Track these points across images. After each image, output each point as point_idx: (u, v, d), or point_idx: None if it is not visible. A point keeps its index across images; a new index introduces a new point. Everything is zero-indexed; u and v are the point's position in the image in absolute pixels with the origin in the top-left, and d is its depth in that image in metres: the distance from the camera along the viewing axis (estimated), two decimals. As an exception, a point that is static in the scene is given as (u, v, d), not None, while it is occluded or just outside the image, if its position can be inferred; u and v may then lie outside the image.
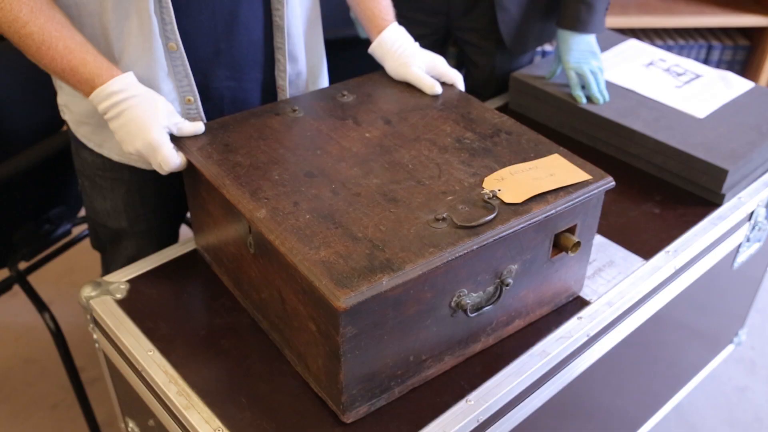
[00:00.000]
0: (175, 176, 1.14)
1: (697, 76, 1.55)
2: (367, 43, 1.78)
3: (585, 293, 1.13)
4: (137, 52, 1.10)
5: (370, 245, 0.89)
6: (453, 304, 0.94)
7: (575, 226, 1.02)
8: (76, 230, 1.82)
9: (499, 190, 0.97)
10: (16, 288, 1.65)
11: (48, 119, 1.75)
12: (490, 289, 0.97)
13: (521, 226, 0.94)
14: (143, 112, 1.05)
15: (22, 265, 1.68)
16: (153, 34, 1.08)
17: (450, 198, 0.96)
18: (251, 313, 1.09)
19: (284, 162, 1.03)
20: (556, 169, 1.02)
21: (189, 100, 1.17)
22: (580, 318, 1.09)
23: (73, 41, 1.04)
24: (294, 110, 1.15)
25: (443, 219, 0.92)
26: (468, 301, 0.94)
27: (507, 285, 0.97)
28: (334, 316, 0.84)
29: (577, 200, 0.98)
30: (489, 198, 0.96)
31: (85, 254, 2.10)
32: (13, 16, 1.01)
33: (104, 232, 1.36)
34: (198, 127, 1.08)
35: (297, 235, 0.90)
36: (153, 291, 1.14)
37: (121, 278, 1.16)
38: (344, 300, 0.82)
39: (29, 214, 1.66)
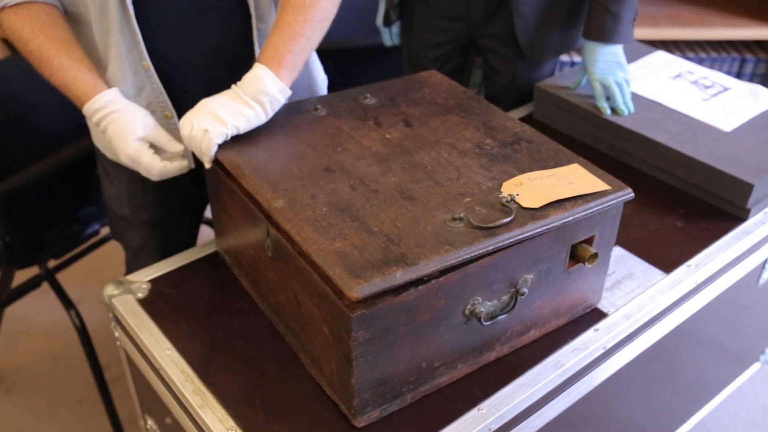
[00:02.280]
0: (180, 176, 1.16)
1: (726, 89, 1.53)
2: (393, 50, 1.80)
3: (603, 305, 1.12)
4: (116, 67, 1.14)
5: (385, 239, 0.89)
6: (467, 311, 0.94)
7: (593, 236, 1.02)
8: (105, 230, 1.85)
9: (518, 195, 0.97)
10: (46, 285, 1.69)
11: (80, 121, 1.79)
12: (505, 298, 0.97)
13: (538, 230, 0.93)
14: (120, 126, 1.09)
15: (51, 264, 1.71)
16: (122, 52, 1.13)
17: (468, 200, 0.97)
18: (268, 316, 1.10)
19: (304, 157, 1.04)
20: (576, 179, 1.02)
21: (167, 116, 1.20)
22: (597, 330, 1.08)
23: (68, 59, 1.09)
24: (316, 109, 1.16)
25: (460, 219, 0.92)
26: (482, 310, 0.94)
27: (522, 294, 0.97)
28: (346, 320, 0.84)
29: (594, 209, 0.98)
30: (507, 201, 0.95)
31: (113, 254, 2.13)
32: (18, 35, 1.09)
33: (113, 218, 1.40)
34: (180, 147, 1.12)
35: (313, 226, 0.91)
36: (174, 291, 1.16)
37: (143, 278, 1.18)
38: (357, 290, 0.82)
39: (59, 213, 1.70)
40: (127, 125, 1.09)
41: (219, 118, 1.03)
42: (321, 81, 1.38)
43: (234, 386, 1.00)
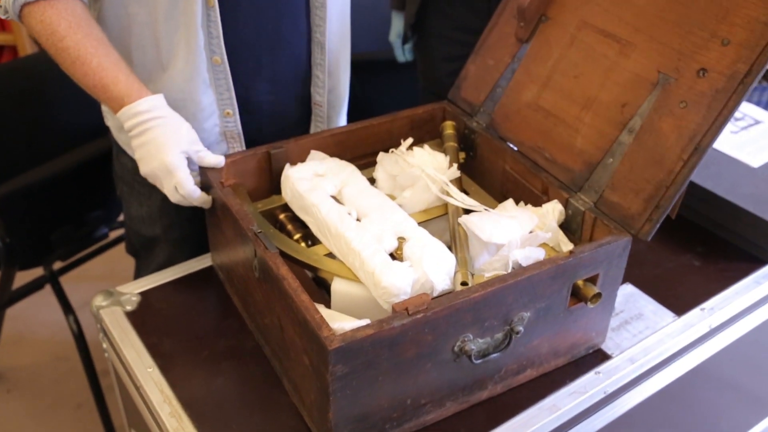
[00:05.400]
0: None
1: (757, 122, 1.46)
2: (407, 66, 1.76)
3: (607, 346, 1.06)
4: (182, 64, 1.11)
5: (369, 281, 0.85)
6: (456, 348, 0.89)
7: (597, 275, 0.96)
8: (114, 234, 1.84)
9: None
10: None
11: (93, 122, 1.78)
12: (499, 335, 0.92)
13: (535, 272, 0.89)
14: (165, 133, 1.04)
15: (57, 265, 1.70)
16: (198, 47, 1.09)
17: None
18: (256, 337, 1.06)
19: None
20: (581, 214, 0.96)
21: (228, 113, 1.17)
22: (599, 373, 1.02)
23: (107, 59, 1.05)
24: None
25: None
26: (473, 347, 0.89)
27: (517, 333, 0.92)
28: (324, 353, 0.80)
29: (599, 247, 0.92)
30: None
31: (126, 257, 2.12)
32: (52, 29, 1.03)
33: (138, 238, 1.37)
34: (219, 159, 1.06)
35: (296, 264, 0.87)
36: (163, 305, 1.13)
37: (133, 290, 1.15)
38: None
39: (68, 215, 1.69)
40: (172, 133, 1.04)
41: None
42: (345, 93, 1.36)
43: (213, 410, 0.96)
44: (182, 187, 1.03)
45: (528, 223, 0.98)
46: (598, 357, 1.05)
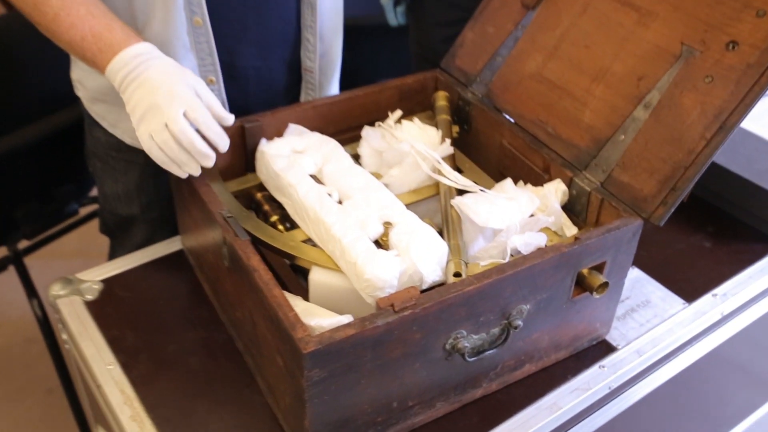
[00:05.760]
0: None
1: (770, 91, 1.36)
2: (399, 30, 1.64)
3: (612, 336, 0.98)
4: (158, 26, 1.00)
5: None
6: (448, 346, 0.80)
7: (604, 263, 0.87)
8: (86, 210, 1.73)
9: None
10: (32, 262, 1.57)
11: (61, 91, 1.66)
12: (495, 330, 0.83)
13: (536, 261, 0.79)
14: (168, 64, 0.92)
15: (25, 244, 1.60)
16: (177, 7, 0.99)
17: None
18: (228, 329, 0.97)
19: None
20: (587, 195, 0.87)
21: (211, 81, 1.07)
22: (603, 367, 0.94)
23: (96, 8, 0.94)
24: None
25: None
26: (466, 345, 0.80)
27: (516, 328, 0.83)
28: (298, 356, 0.71)
29: (606, 233, 0.83)
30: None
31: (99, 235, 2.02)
32: None
33: (113, 218, 1.27)
34: (230, 116, 0.94)
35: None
36: (127, 294, 1.03)
37: (95, 277, 1.05)
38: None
39: (33, 190, 1.58)
40: (178, 68, 0.91)
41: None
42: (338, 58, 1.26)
43: (179, 413, 0.87)
44: (194, 111, 0.88)
45: (528, 206, 0.89)
46: (603, 349, 0.96)
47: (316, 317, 0.79)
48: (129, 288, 1.04)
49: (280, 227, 0.95)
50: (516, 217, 0.87)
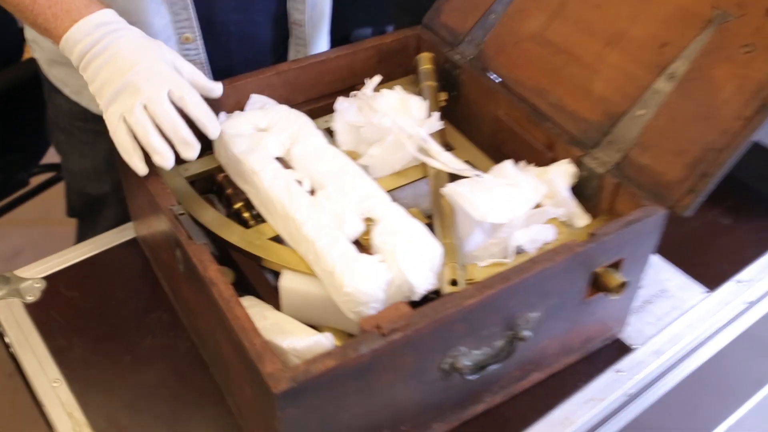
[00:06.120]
0: None
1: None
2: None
3: (627, 334, 0.87)
4: None
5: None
6: (445, 366, 0.68)
7: (621, 260, 0.75)
8: (37, 180, 1.58)
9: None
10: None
11: (5, 49, 1.49)
12: (499, 343, 0.71)
13: (547, 265, 0.67)
14: (139, 37, 0.78)
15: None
16: None
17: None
18: (192, 336, 0.85)
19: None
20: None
21: (187, 38, 0.93)
22: (619, 372, 0.83)
23: None
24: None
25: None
26: (466, 363, 0.69)
27: (523, 339, 0.71)
28: (268, 395, 0.59)
29: (625, 228, 0.71)
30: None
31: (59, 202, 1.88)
32: None
33: (81, 197, 1.13)
34: (217, 86, 0.81)
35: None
36: (75, 293, 0.90)
37: (36, 274, 0.92)
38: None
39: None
40: (151, 41, 0.78)
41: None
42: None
43: (136, 440, 0.76)
44: (179, 88, 0.74)
45: (533, 194, 0.76)
46: (617, 350, 0.85)
47: (289, 336, 0.67)
48: (77, 286, 0.91)
49: (246, 215, 0.83)
50: (520, 208, 0.74)
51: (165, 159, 0.72)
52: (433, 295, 0.70)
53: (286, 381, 0.58)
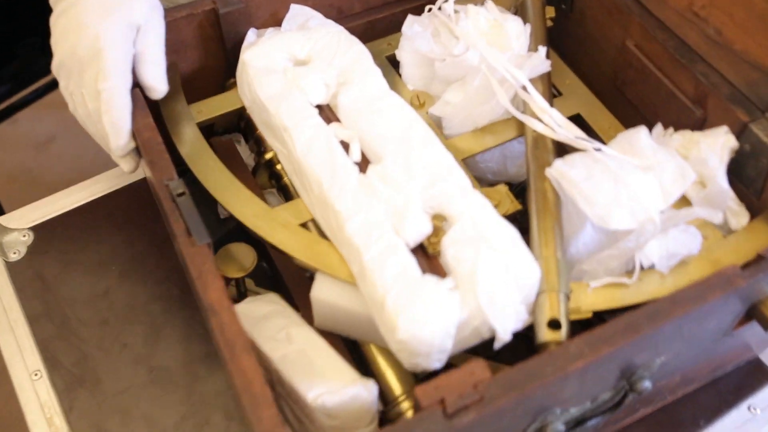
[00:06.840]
0: None
1: None
2: None
3: (766, 355, 0.66)
4: None
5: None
6: (531, 431, 0.49)
7: (793, 287, 0.53)
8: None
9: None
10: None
11: None
12: (607, 396, 0.52)
13: (692, 308, 0.46)
14: None
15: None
16: None
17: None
18: (204, 319, 0.68)
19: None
20: None
21: None
22: (754, 409, 0.63)
23: None
24: None
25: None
26: (560, 428, 0.49)
27: (640, 392, 0.51)
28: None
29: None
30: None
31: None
32: None
33: None
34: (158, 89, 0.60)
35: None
36: (70, 247, 0.73)
37: (23, 224, 0.75)
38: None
39: None
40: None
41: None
42: None
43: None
44: (105, 79, 0.56)
45: (677, 185, 0.53)
46: (753, 376, 0.64)
47: (317, 380, 0.49)
48: (72, 238, 0.74)
49: (279, 167, 0.63)
50: (656, 206, 0.52)
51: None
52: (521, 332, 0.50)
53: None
